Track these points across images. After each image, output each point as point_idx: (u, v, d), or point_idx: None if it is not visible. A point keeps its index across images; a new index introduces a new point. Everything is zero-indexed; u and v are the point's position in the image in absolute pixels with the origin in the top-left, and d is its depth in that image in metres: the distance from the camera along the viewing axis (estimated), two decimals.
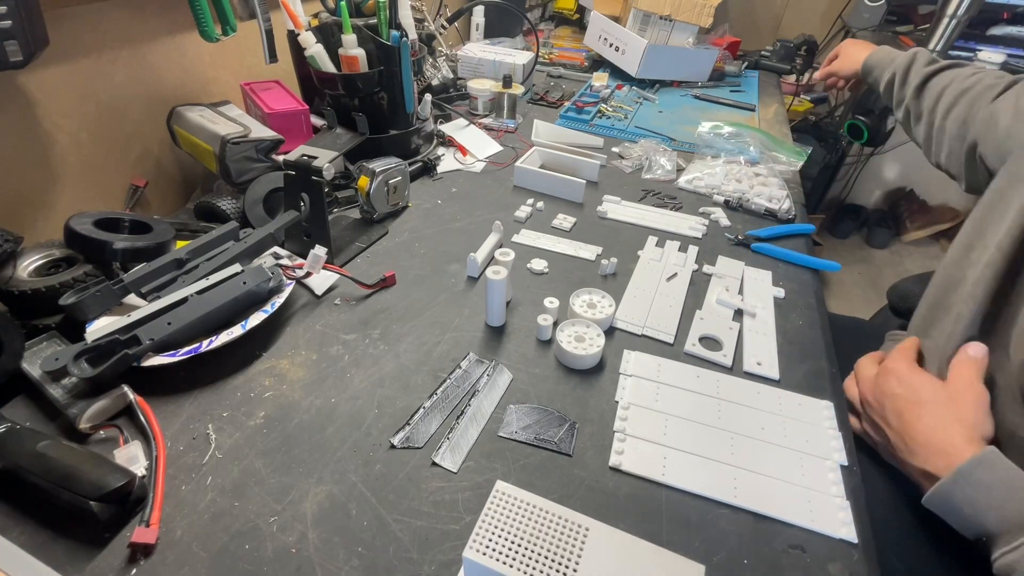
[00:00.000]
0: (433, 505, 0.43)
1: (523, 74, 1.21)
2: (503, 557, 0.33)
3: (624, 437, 0.49)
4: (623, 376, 0.55)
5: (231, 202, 0.72)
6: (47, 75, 0.64)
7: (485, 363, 0.56)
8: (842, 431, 0.51)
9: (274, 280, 0.58)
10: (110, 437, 0.47)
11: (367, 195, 0.74)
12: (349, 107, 0.81)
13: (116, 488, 0.39)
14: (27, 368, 0.49)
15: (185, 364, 0.51)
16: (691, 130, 1.08)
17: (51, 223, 0.67)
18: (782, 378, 0.56)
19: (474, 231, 0.77)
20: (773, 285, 0.69)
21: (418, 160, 0.90)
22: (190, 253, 0.59)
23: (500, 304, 0.60)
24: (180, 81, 0.81)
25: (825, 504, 0.45)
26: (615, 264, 0.70)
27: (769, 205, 0.84)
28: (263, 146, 0.74)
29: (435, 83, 1.15)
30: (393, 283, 0.66)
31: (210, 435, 0.47)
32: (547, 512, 0.36)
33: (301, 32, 0.76)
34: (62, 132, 0.67)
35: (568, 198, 0.86)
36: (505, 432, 0.49)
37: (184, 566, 0.39)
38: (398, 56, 0.80)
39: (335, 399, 0.52)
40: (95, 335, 0.50)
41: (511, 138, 1.04)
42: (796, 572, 0.41)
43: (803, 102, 2.11)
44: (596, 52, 1.43)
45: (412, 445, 0.48)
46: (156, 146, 0.80)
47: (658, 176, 0.93)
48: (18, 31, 0.52)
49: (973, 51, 1.72)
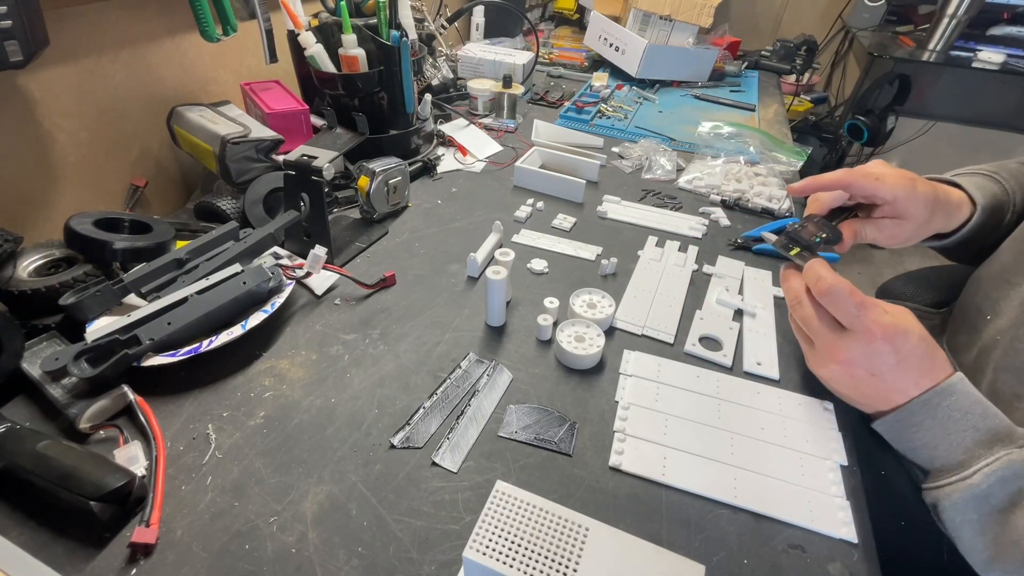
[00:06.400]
0: (433, 505, 0.43)
1: (523, 74, 1.21)
2: (503, 557, 0.33)
3: (624, 437, 0.49)
4: (623, 376, 0.55)
5: (231, 202, 0.72)
6: (47, 75, 0.64)
7: (485, 363, 0.56)
8: (842, 431, 0.51)
9: (274, 280, 0.58)
10: (110, 437, 0.47)
11: (367, 195, 0.74)
12: (349, 107, 0.81)
13: (116, 488, 0.39)
14: (27, 368, 0.49)
15: (185, 364, 0.51)
16: (691, 130, 1.08)
17: (51, 223, 0.67)
18: (782, 378, 0.56)
19: (474, 231, 0.77)
20: (773, 285, 0.69)
21: (418, 160, 0.90)
22: (190, 253, 0.59)
23: (500, 304, 0.60)
24: (180, 81, 0.81)
25: (825, 504, 0.45)
26: (615, 264, 0.70)
27: (768, 205, 0.84)
28: (263, 146, 0.74)
29: (435, 83, 1.15)
30: (393, 283, 0.66)
31: (210, 435, 0.47)
32: (547, 512, 0.36)
33: (301, 32, 0.76)
34: (62, 132, 0.67)
35: (568, 198, 0.86)
36: (505, 432, 0.49)
37: (184, 566, 0.39)
38: (398, 56, 0.80)
39: (335, 399, 0.52)
40: (95, 335, 0.50)
41: (511, 138, 1.04)
42: (796, 572, 0.41)
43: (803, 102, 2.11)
44: (596, 52, 1.43)
45: (412, 445, 0.48)
46: (156, 146, 0.80)
47: (658, 176, 0.93)
48: (18, 31, 0.52)
49: (973, 51, 1.72)
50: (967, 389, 0.43)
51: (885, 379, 0.44)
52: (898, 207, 0.55)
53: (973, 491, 0.41)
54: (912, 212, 0.55)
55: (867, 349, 0.44)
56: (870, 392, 0.46)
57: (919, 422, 0.44)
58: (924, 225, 0.56)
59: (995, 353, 0.52)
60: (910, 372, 0.44)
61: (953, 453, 0.43)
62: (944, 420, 0.43)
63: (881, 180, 0.54)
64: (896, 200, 0.54)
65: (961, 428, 0.42)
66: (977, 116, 1.75)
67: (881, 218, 0.56)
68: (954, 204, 0.58)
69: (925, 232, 0.58)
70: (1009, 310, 0.53)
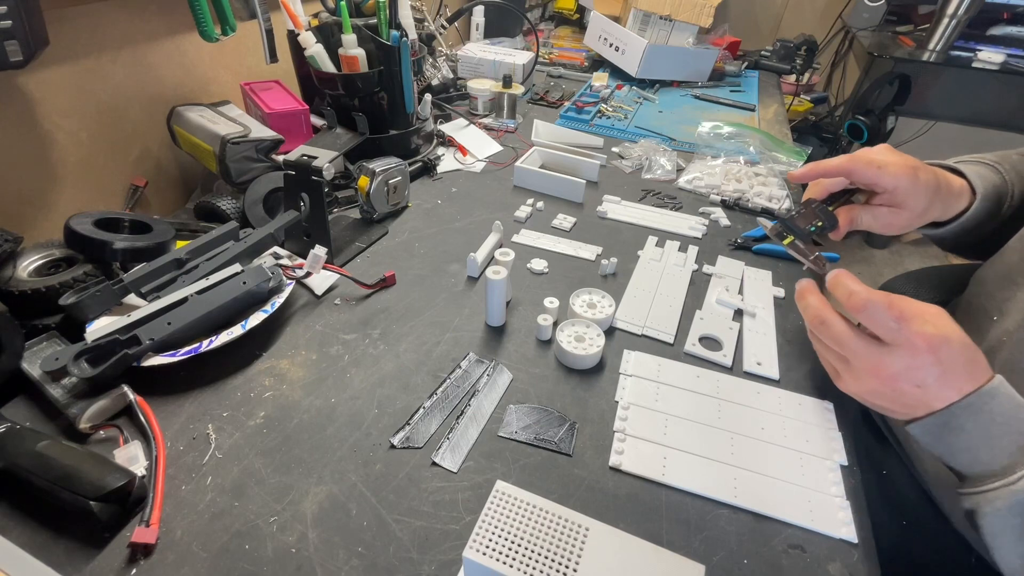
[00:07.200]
0: (433, 505, 0.43)
1: (523, 74, 1.21)
2: (503, 557, 0.33)
3: (624, 437, 0.49)
4: (623, 376, 0.55)
5: (231, 202, 0.72)
6: (47, 75, 0.64)
7: (485, 363, 0.56)
8: (842, 431, 0.51)
9: (274, 280, 0.58)
10: (110, 437, 0.47)
11: (367, 195, 0.74)
12: (349, 107, 0.81)
13: (116, 488, 0.40)
14: (27, 368, 0.49)
15: (185, 364, 0.51)
16: (691, 130, 1.08)
17: (51, 223, 0.67)
18: (782, 378, 0.56)
19: (474, 231, 0.77)
20: (773, 285, 0.69)
21: (418, 160, 0.90)
22: (190, 253, 0.59)
23: (500, 304, 0.60)
24: (180, 81, 0.81)
25: (825, 504, 0.45)
26: (615, 264, 0.70)
27: (768, 205, 0.84)
28: (263, 146, 0.74)
29: (435, 83, 1.15)
30: (393, 283, 0.66)
31: (210, 435, 0.47)
32: (547, 512, 0.36)
33: (301, 32, 0.76)
34: (62, 132, 0.67)
35: (568, 198, 0.86)
36: (505, 432, 0.49)
37: (184, 566, 0.39)
38: (398, 56, 0.80)
39: (335, 399, 0.52)
40: (95, 335, 0.50)
41: (511, 138, 1.04)
42: (796, 572, 0.41)
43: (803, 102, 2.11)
44: (596, 52, 1.43)
45: (412, 445, 0.48)
46: (156, 146, 0.80)
47: (658, 176, 0.93)
48: (18, 31, 0.52)
49: (973, 51, 1.72)
50: (1009, 392, 0.42)
51: (929, 389, 0.42)
52: (897, 196, 0.54)
53: (1019, 496, 0.39)
54: (911, 203, 0.54)
55: (912, 363, 0.42)
56: (911, 402, 0.44)
57: (960, 425, 0.42)
58: (921, 215, 0.55)
59: (1001, 354, 0.51)
60: (955, 379, 0.42)
61: (996, 457, 0.41)
62: (987, 424, 0.41)
63: (883, 169, 0.53)
64: (897, 190, 0.53)
65: (1005, 432, 0.41)
66: (977, 116, 1.74)
67: (879, 206, 0.56)
68: (955, 193, 0.57)
69: (921, 221, 0.57)
70: (1015, 311, 0.52)
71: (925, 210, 0.55)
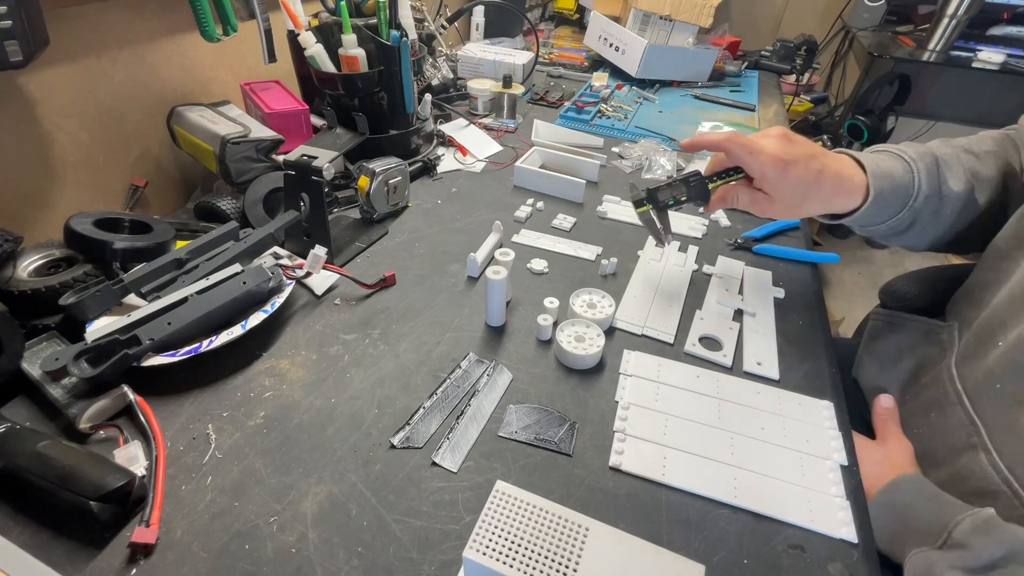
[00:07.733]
0: (433, 505, 0.43)
1: (523, 74, 1.21)
2: (503, 557, 0.33)
3: (624, 437, 0.49)
4: (623, 376, 0.55)
5: (231, 202, 0.72)
6: (47, 75, 0.64)
7: (485, 363, 0.56)
8: (842, 431, 0.51)
9: (274, 280, 0.58)
10: (110, 437, 0.47)
11: (367, 195, 0.74)
12: (349, 107, 0.81)
13: (116, 488, 0.40)
14: (27, 368, 0.49)
15: (185, 364, 0.51)
16: (691, 130, 1.08)
17: (51, 223, 0.67)
18: (782, 378, 0.56)
19: (474, 231, 0.77)
20: (773, 285, 0.69)
21: (418, 160, 0.90)
22: (190, 253, 0.59)
23: (500, 304, 0.60)
24: (180, 81, 0.81)
25: (825, 504, 0.45)
26: (615, 264, 0.70)
27: None
28: (263, 146, 0.74)
29: (435, 83, 1.15)
30: (393, 283, 0.66)
31: (210, 435, 0.47)
32: (547, 512, 0.36)
33: (301, 32, 0.76)
34: (62, 132, 0.67)
35: (568, 198, 0.86)
36: (505, 432, 0.49)
37: (184, 566, 0.39)
38: (398, 56, 0.80)
39: (335, 399, 0.52)
40: (95, 335, 0.50)
41: (511, 138, 1.04)
42: (796, 572, 0.41)
43: (803, 102, 2.11)
44: (596, 52, 1.43)
45: (412, 445, 0.48)
46: (156, 146, 0.80)
47: (658, 176, 0.93)
48: (18, 31, 0.52)
49: (973, 51, 1.72)
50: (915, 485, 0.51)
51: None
52: (766, 185, 0.54)
53: None
54: (780, 195, 0.54)
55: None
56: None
57: None
58: (795, 207, 0.55)
59: None
60: None
61: None
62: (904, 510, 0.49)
63: (755, 155, 0.53)
64: (764, 179, 0.54)
65: None
66: (977, 116, 1.74)
67: (756, 189, 0.56)
68: (846, 190, 0.54)
69: (799, 213, 0.56)
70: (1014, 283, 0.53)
71: (799, 204, 0.55)
